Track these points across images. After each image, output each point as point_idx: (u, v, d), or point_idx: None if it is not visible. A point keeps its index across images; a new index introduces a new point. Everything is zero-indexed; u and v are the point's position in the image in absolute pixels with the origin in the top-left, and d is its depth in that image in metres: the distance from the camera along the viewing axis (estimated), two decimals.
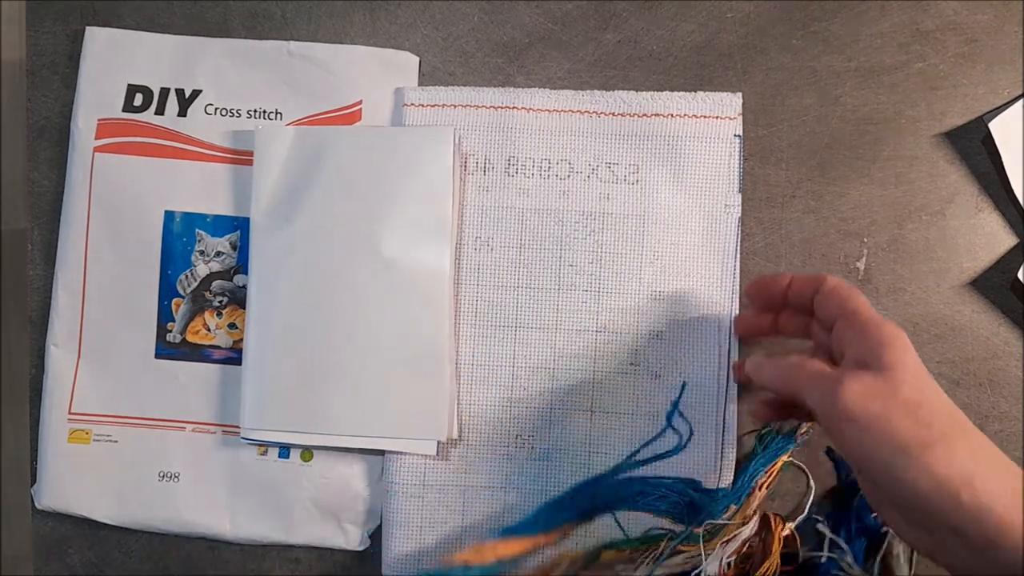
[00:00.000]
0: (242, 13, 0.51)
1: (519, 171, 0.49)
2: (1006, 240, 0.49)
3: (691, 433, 0.47)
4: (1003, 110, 0.48)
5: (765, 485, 0.47)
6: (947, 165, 0.49)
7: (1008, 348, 0.49)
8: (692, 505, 0.46)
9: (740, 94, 0.49)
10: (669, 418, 0.48)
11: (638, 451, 0.48)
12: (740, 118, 0.49)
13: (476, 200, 0.49)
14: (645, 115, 0.49)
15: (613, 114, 0.49)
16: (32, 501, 0.50)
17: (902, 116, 0.50)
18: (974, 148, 0.49)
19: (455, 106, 0.50)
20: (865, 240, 0.49)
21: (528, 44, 0.51)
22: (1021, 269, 0.48)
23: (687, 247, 0.49)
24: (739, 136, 0.49)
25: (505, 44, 0.51)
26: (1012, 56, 0.49)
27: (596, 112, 0.50)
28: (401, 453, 0.48)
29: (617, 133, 0.49)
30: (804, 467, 0.48)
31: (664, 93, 0.49)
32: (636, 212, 0.49)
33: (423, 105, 0.50)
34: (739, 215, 0.49)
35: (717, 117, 0.49)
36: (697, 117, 0.49)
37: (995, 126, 0.48)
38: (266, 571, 0.50)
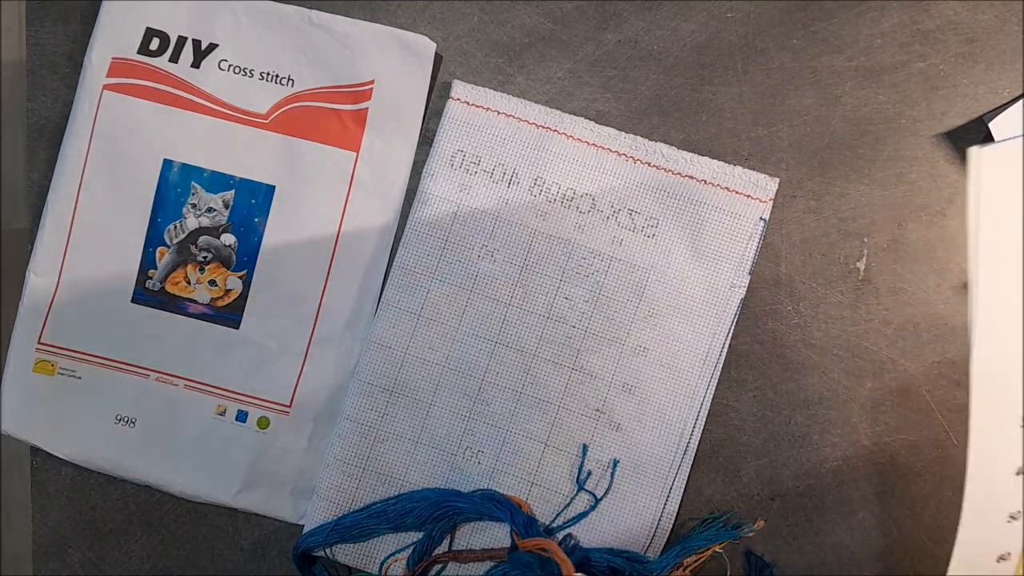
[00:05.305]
0: None
1: (542, 192, 0.49)
2: None
3: (602, 496, 0.48)
4: (1003, 110, 0.48)
5: (691, 567, 0.47)
6: (947, 165, 0.49)
7: None
8: (613, 571, 0.46)
9: (777, 179, 0.49)
10: (581, 484, 0.48)
11: (554, 519, 0.48)
12: (771, 203, 0.49)
13: (493, 209, 0.49)
14: (679, 174, 0.49)
15: (649, 164, 0.49)
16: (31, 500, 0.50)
17: (902, 116, 0.50)
18: None
19: (499, 112, 0.50)
20: (865, 240, 0.49)
21: (528, 44, 0.51)
22: None
23: (683, 313, 0.49)
24: (764, 220, 0.49)
25: (505, 44, 0.51)
26: (1012, 56, 0.49)
27: (633, 157, 0.49)
28: (346, 435, 0.49)
29: (647, 183, 0.49)
30: (726, 560, 0.49)
31: (704, 159, 0.49)
32: (644, 265, 0.49)
33: (468, 103, 0.50)
34: (742, 296, 0.49)
35: (748, 196, 0.49)
36: (729, 190, 0.49)
37: (995, 126, 0.48)
38: (266, 572, 0.50)
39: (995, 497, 0.41)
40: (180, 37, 0.51)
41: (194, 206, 0.50)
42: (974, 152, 0.40)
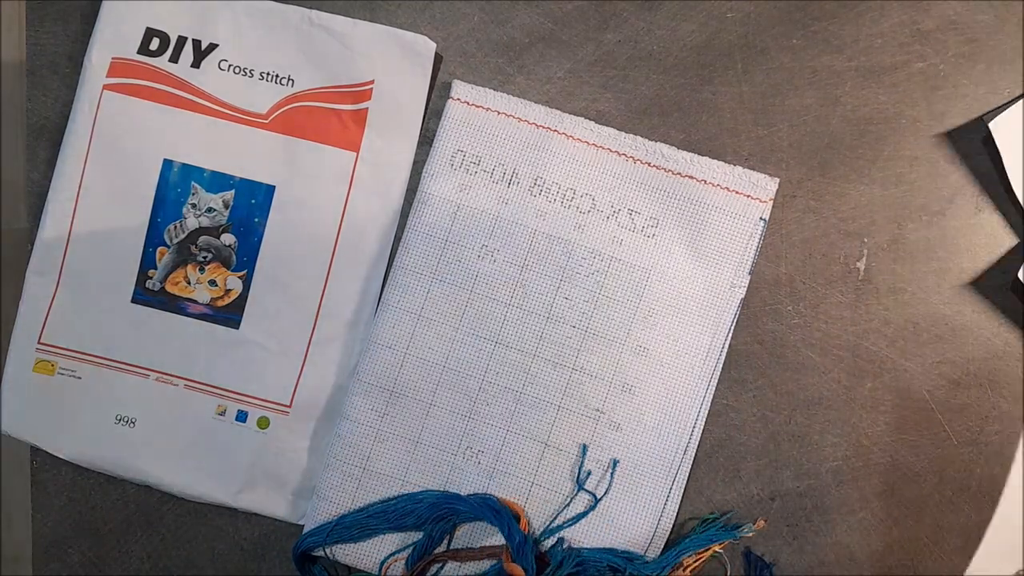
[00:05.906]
0: None
1: (542, 192, 0.49)
2: (1006, 240, 0.49)
3: (602, 496, 0.48)
4: (1003, 110, 0.48)
5: (691, 567, 0.47)
6: (947, 165, 0.49)
7: (1008, 348, 0.49)
8: (613, 571, 0.47)
9: (777, 179, 0.49)
10: (581, 484, 0.48)
11: (554, 519, 0.48)
12: (771, 203, 0.49)
13: (493, 209, 0.49)
14: (679, 174, 0.49)
15: (649, 164, 0.49)
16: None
17: (902, 116, 0.50)
18: (974, 148, 0.49)
19: (499, 112, 0.50)
20: (865, 240, 0.49)
21: (528, 44, 0.51)
22: (1021, 269, 0.48)
23: (683, 313, 0.49)
24: (764, 220, 0.49)
25: (505, 44, 0.51)
26: (1012, 56, 0.49)
27: (633, 157, 0.49)
28: (346, 435, 0.49)
29: (647, 183, 0.49)
30: (726, 560, 0.49)
31: (704, 159, 0.49)
32: (644, 265, 0.49)
33: (469, 103, 0.50)
34: (742, 296, 0.49)
35: (748, 196, 0.49)
36: (729, 190, 0.49)
37: (995, 126, 0.48)
38: (266, 572, 0.50)
39: None
40: (180, 37, 0.51)
41: (194, 206, 0.50)
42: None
